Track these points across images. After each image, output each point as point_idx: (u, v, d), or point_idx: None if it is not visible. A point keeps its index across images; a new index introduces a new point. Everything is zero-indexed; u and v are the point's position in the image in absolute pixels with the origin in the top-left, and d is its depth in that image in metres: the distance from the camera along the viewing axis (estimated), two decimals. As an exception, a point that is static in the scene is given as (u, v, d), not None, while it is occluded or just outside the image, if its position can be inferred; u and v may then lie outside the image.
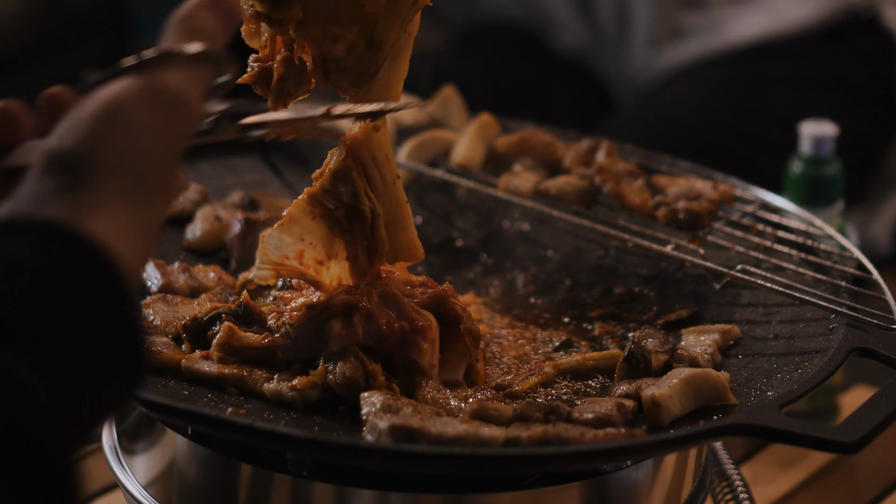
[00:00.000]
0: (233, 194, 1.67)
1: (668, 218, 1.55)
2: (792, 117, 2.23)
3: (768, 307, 1.50)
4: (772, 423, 1.20)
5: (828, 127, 1.88)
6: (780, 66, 2.80)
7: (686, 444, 1.24)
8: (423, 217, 1.76)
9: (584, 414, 1.26)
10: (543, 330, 1.52)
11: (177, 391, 1.28)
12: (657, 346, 1.40)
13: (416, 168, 1.68)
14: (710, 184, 1.60)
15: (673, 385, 1.29)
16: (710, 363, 1.39)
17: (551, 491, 1.24)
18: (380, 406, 1.23)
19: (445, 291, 1.35)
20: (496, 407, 1.24)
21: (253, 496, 1.25)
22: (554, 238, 1.71)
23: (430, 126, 1.76)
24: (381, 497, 1.22)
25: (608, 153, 1.64)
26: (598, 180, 1.59)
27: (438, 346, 1.32)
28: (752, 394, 1.33)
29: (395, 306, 1.31)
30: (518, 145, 1.68)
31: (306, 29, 1.24)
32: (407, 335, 1.30)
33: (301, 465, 1.26)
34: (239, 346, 1.31)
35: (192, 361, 1.31)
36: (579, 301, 1.60)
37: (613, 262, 1.66)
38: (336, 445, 1.16)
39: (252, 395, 1.29)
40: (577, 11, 2.97)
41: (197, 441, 1.27)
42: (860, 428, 1.19)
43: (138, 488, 1.34)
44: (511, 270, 1.67)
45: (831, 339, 1.38)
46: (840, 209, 1.89)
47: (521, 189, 1.61)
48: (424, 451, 1.16)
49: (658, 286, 1.61)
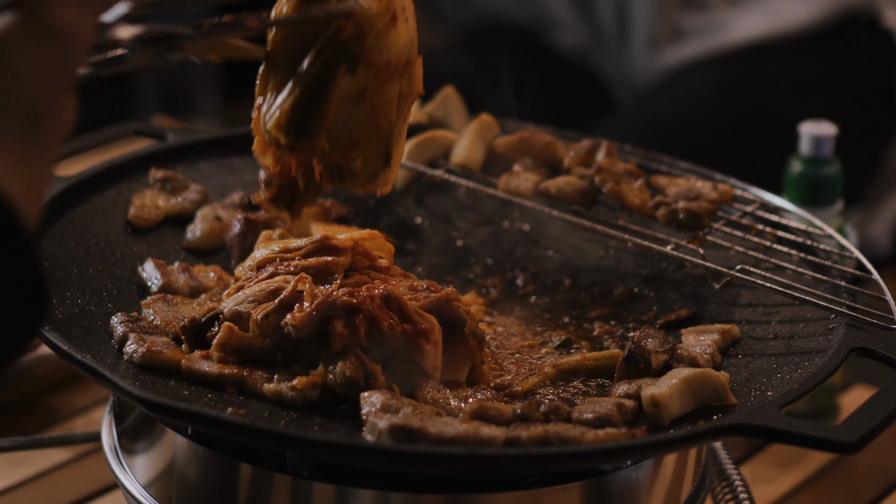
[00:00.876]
0: (232, 194, 1.67)
1: (667, 218, 1.55)
2: (792, 117, 2.23)
3: (768, 307, 1.50)
4: (772, 423, 1.20)
5: (827, 127, 1.88)
6: (779, 66, 2.80)
7: (686, 444, 1.24)
8: (423, 217, 1.76)
9: (584, 414, 1.26)
10: (543, 330, 1.52)
11: (177, 391, 1.28)
12: (657, 346, 1.40)
13: (416, 168, 1.68)
14: (710, 184, 1.60)
15: (673, 385, 1.29)
16: (710, 363, 1.39)
17: (551, 491, 1.24)
18: (380, 406, 1.23)
19: (449, 295, 1.35)
20: (496, 407, 1.24)
21: (253, 496, 1.25)
22: (554, 238, 1.71)
23: (430, 126, 1.75)
24: (381, 497, 1.22)
25: (608, 153, 1.65)
26: (598, 180, 1.59)
27: (441, 348, 1.32)
28: (752, 394, 1.33)
29: (397, 309, 1.31)
30: (518, 145, 1.68)
31: (329, 157, 1.27)
32: (410, 337, 1.30)
33: (301, 465, 1.26)
34: (239, 346, 1.31)
35: (192, 361, 1.31)
36: (579, 301, 1.60)
37: (613, 262, 1.66)
38: (336, 445, 1.16)
39: (252, 395, 1.29)
40: (577, 12, 2.97)
41: (197, 441, 1.27)
42: (860, 428, 1.19)
43: (138, 488, 1.34)
44: (511, 270, 1.67)
45: (831, 339, 1.38)
46: (840, 209, 1.89)
47: (521, 189, 1.61)
48: (424, 451, 1.16)
49: (658, 286, 1.61)
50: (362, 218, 1.73)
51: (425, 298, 1.34)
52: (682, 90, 2.81)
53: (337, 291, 1.30)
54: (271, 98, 1.28)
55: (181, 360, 1.31)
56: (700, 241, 1.55)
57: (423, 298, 1.34)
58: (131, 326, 1.35)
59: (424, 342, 1.30)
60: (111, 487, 1.65)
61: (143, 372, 1.30)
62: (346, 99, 1.26)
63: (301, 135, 1.26)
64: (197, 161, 1.71)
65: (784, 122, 2.45)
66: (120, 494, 1.56)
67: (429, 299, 1.34)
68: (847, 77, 2.80)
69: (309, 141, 1.26)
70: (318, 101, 1.25)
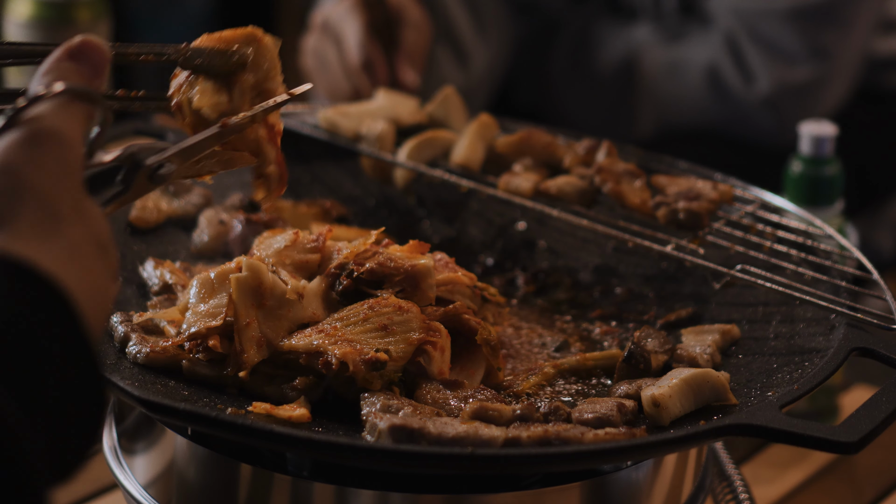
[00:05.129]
0: (232, 196, 1.67)
1: (667, 218, 1.55)
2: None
3: (768, 307, 1.50)
4: (772, 423, 1.20)
5: (828, 127, 1.88)
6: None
7: (686, 444, 1.24)
8: (423, 217, 1.76)
9: (584, 414, 1.26)
10: (543, 330, 1.52)
11: (177, 391, 1.28)
12: (657, 346, 1.40)
13: (416, 168, 1.68)
14: (710, 184, 1.60)
15: (673, 385, 1.29)
16: (710, 363, 1.39)
17: (551, 491, 1.24)
18: (380, 406, 1.23)
19: (457, 309, 1.35)
20: (496, 407, 1.24)
21: (253, 496, 1.25)
22: (554, 238, 1.71)
23: (430, 126, 1.75)
24: (381, 497, 1.22)
25: (608, 153, 1.64)
26: (598, 180, 1.59)
27: (449, 354, 1.32)
28: (752, 394, 1.33)
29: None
30: (518, 145, 1.68)
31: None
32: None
33: (301, 465, 1.26)
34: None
35: (193, 362, 1.31)
36: (579, 301, 1.60)
37: (613, 262, 1.66)
38: (336, 445, 1.16)
39: (252, 395, 1.29)
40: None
41: (197, 441, 1.27)
42: (860, 428, 1.19)
43: (138, 488, 1.34)
44: (511, 270, 1.67)
45: (831, 339, 1.38)
46: (840, 209, 1.88)
47: (521, 189, 1.61)
48: (424, 451, 1.16)
49: (658, 286, 1.61)
50: (362, 218, 1.73)
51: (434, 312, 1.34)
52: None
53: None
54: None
55: (183, 360, 1.31)
56: (700, 241, 1.55)
57: (432, 312, 1.34)
58: (132, 326, 1.35)
59: (431, 347, 1.30)
60: (111, 488, 1.65)
61: (143, 372, 1.30)
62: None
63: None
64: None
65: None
66: (120, 495, 1.56)
67: (438, 313, 1.34)
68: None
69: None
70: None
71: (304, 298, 1.33)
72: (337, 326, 1.30)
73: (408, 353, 1.29)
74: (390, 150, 1.70)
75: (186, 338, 1.30)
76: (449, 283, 1.41)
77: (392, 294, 1.33)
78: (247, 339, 1.28)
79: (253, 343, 1.28)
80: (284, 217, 1.61)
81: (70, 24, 2.24)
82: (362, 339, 1.29)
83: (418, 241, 1.39)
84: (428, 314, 1.33)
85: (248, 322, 1.29)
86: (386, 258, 1.36)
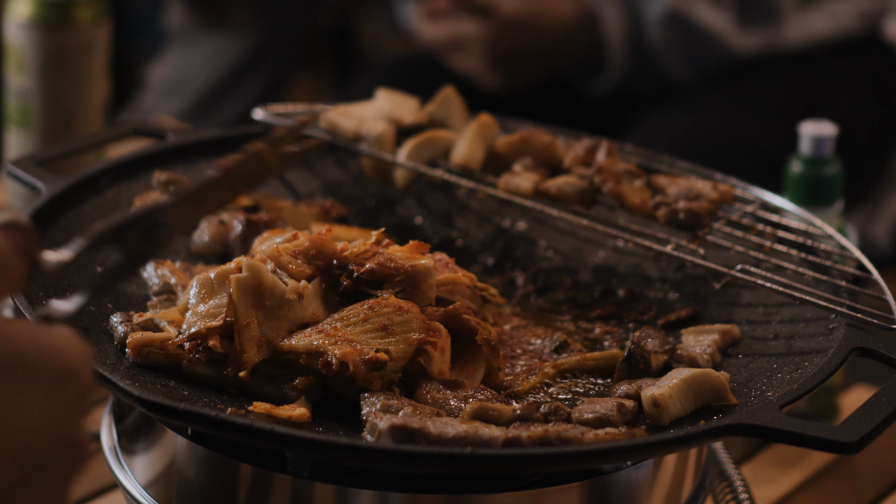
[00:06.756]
0: (233, 195, 1.67)
1: (668, 218, 1.55)
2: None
3: (768, 307, 1.50)
4: (772, 423, 1.20)
5: (827, 127, 1.88)
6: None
7: (686, 444, 1.24)
8: (423, 217, 1.76)
9: (584, 414, 1.26)
10: (543, 330, 1.52)
11: (177, 391, 1.28)
12: (657, 346, 1.40)
13: (416, 168, 1.68)
14: (710, 184, 1.60)
15: (673, 385, 1.29)
16: (710, 363, 1.39)
17: (551, 491, 1.24)
18: (380, 406, 1.23)
19: (457, 309, 1.35)
20: (496, 407, 1.24)
21: (253, 496, 1.25)
22: (554, 238, 1.71)
23: (430, 126, 1.75)
24: (381, 497, 1.22)
25: (608, 153, 1.64)
26: (598, 180, 1.59)
27: (449, 354, 1.32)
28: (752, 394, 1.33)
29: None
30: (518, 145, 1.68)
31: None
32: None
33: (301, 465, 1.26)
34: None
35: (193, 362, 1.31)
36: (579, 301, 1.60)
37: (613, 262, 1.66)
38: (336, 445, 1.16)
39: (252, 395, 1.29)
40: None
41: (197, 441, 1.27)
42: (860, 428, 1.19)
43: (138, 488, 1.34)
44: (511, 270, 1.67)
45: (831, 339, 1.38)
46: (840, 209, 1.88)
47: (521, 189, 1.61)
48: (424, 451, 1.16)
49: (658, 286, 1.61)
50: (363, 218, 1.73)
51: (434, 312, 1.35)
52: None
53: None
54: None
55: (183, 360, 1.31)
56: (700, 241, 1.55)
57: (431, 312, 1.34)
58: (132, 326, 1.35)
59: (431, 347, 1.30)
60: (111, 488, 1.65)
61: (143, 372, 1.30)
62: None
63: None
64: (197, 161, 1.71)
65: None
66: (120, 495, 1.56)
67: (437, 314, 1.34)
68: (849, 77, 2.80)
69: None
70: None
71: (304, 298, 1.33)
72: (337, 326, 1.30)
73: (408, 354, 1.29)
74: (390, 150, 1.70)
75: (186, 338, 1.30)
76: (449, 284, 1.41)
77: (392, 294, 1.33)
78: (247, 339, 1.28)
79: (253, 343, 1.28)
80: (284, 217, 1.61)
81: (70, 24, 2.24)
82: (362, 340, 1.29)
83: (418, 242, 1.39)
84: (428, 314, 1.33)
85: (248, 322, 1.29)
86: (386, 258, 1.36)
